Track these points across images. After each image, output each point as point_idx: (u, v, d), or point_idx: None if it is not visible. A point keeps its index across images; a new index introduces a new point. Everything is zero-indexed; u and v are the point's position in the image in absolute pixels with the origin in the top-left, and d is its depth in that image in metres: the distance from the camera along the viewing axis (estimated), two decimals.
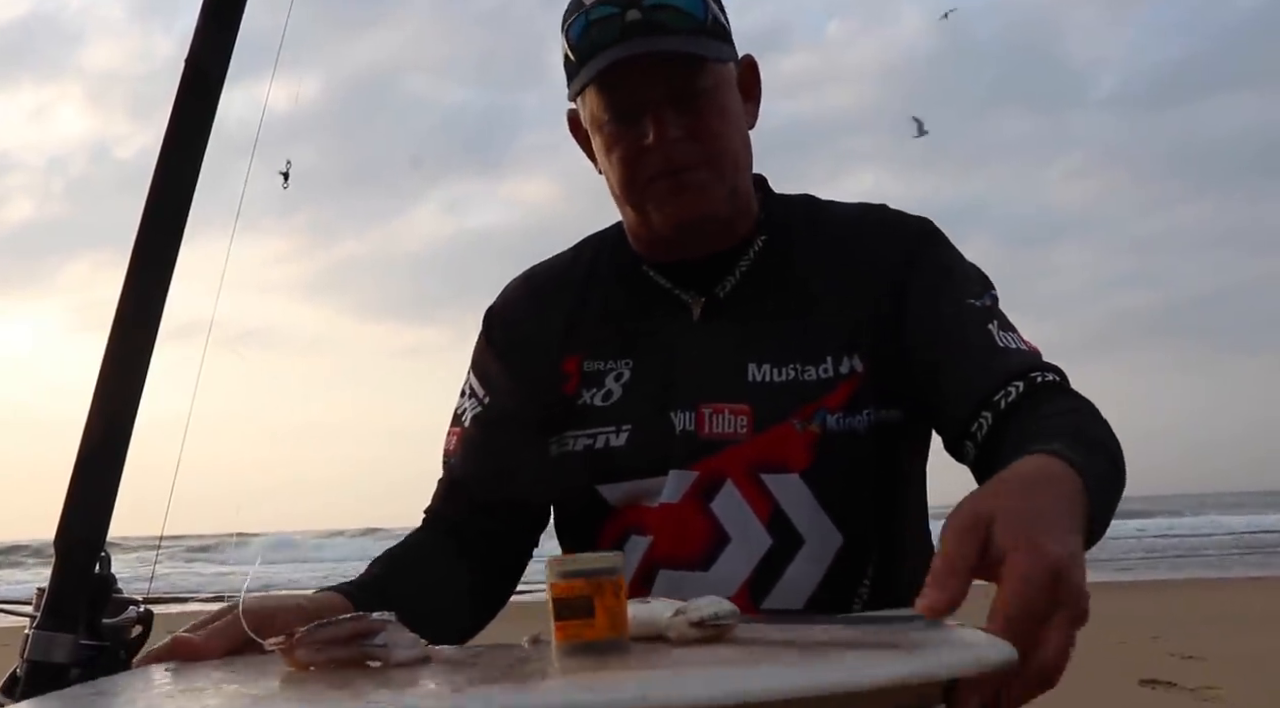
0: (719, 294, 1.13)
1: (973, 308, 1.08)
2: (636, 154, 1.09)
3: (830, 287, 1.12)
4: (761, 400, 1.08)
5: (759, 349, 1.10)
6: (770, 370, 1.08)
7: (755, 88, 1.16)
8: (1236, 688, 4.40)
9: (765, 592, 1.07)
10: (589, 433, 1.12)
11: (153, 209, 1.19)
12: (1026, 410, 0.98)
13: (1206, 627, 6.23)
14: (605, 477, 1.12)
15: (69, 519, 1.12)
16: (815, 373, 1.08)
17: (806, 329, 1.10)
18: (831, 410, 1.07)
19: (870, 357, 1.09)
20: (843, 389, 1.08)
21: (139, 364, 1.16)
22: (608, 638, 0.84)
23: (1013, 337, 1.06)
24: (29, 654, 1.08)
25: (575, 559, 0.87)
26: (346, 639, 0.88)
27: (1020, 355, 1.04)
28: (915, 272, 1.11)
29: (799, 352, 1.09)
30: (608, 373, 1.13)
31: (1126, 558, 14.05)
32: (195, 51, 1.21)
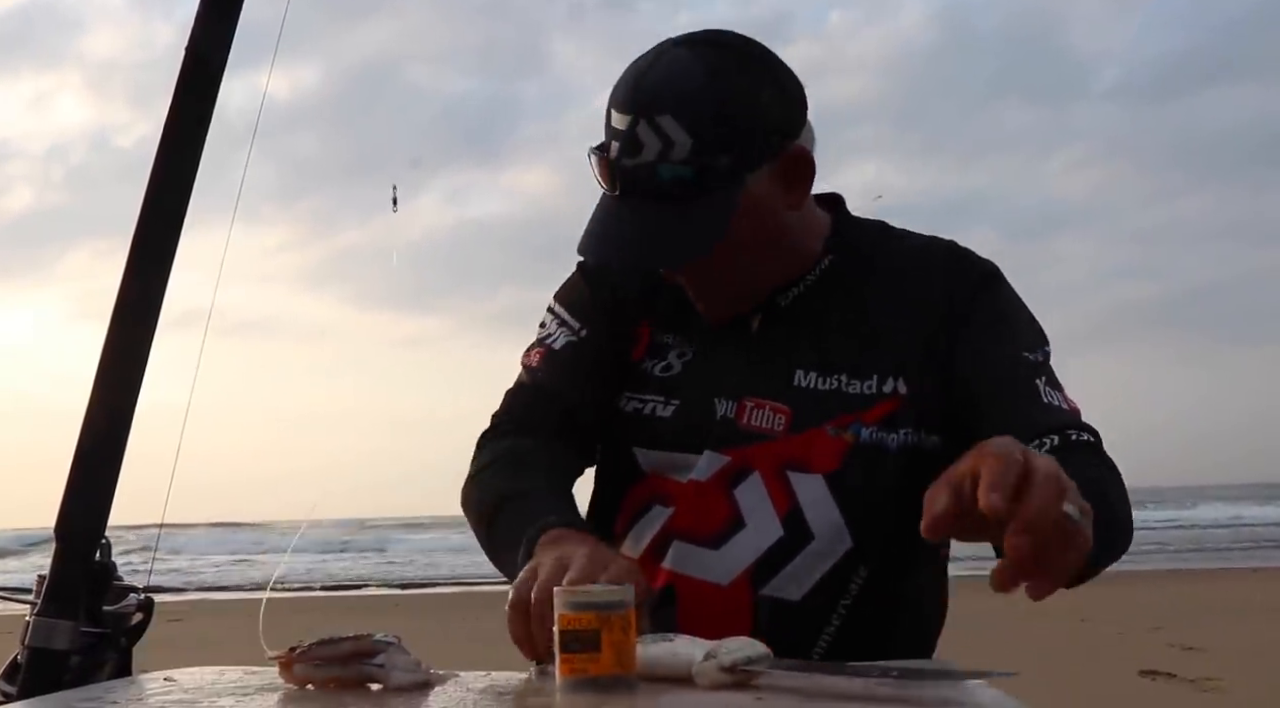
0: (780, 303, 1.16)
1: (1025, 360, 1.11)
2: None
3: (888, 310, 1.15)
4: (801, 404, 1.12)
5: (809, 358, 1.13)
6: (816, 378, 1.12)
7: (802, 175, 1.09)
8: (1237, 679, 4.40)
9: (765, 580, 1.10)
10: (641, 398, 1.16)
11: (153, 199, 1.19)
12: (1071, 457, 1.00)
13: (1207, 618, 6.24)
14: (644, 442, 1.15)
15: (70, 507, 1.12)
16: (860, 387, 1.12)
17: (858, 346, 1.14)
18: (866, 424, 1.10)
19: (915, 382, 1.12)
20: (882, 407, 1.11)
21: (139, 354, 1.16)
22: (613, 674, 0.84)
23: (1058, 395, 1.10)
24: (30, 641, 1.09)
25: (586, 591, 0.87)
26: (345, 658, 0.89)
27: (1061, 413, 1.08)
28: (975, 310, 1.14)
29: (847, 366, 1.12)
30: (672, 349, 1.17)
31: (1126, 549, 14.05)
32: (195, 40, 1.21)
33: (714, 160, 1.03)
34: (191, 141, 1.19)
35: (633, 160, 1.04)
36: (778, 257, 1.14)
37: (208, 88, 1.20)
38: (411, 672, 0.89)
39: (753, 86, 1.05)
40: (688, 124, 1.02)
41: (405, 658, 0.90)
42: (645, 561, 1.12)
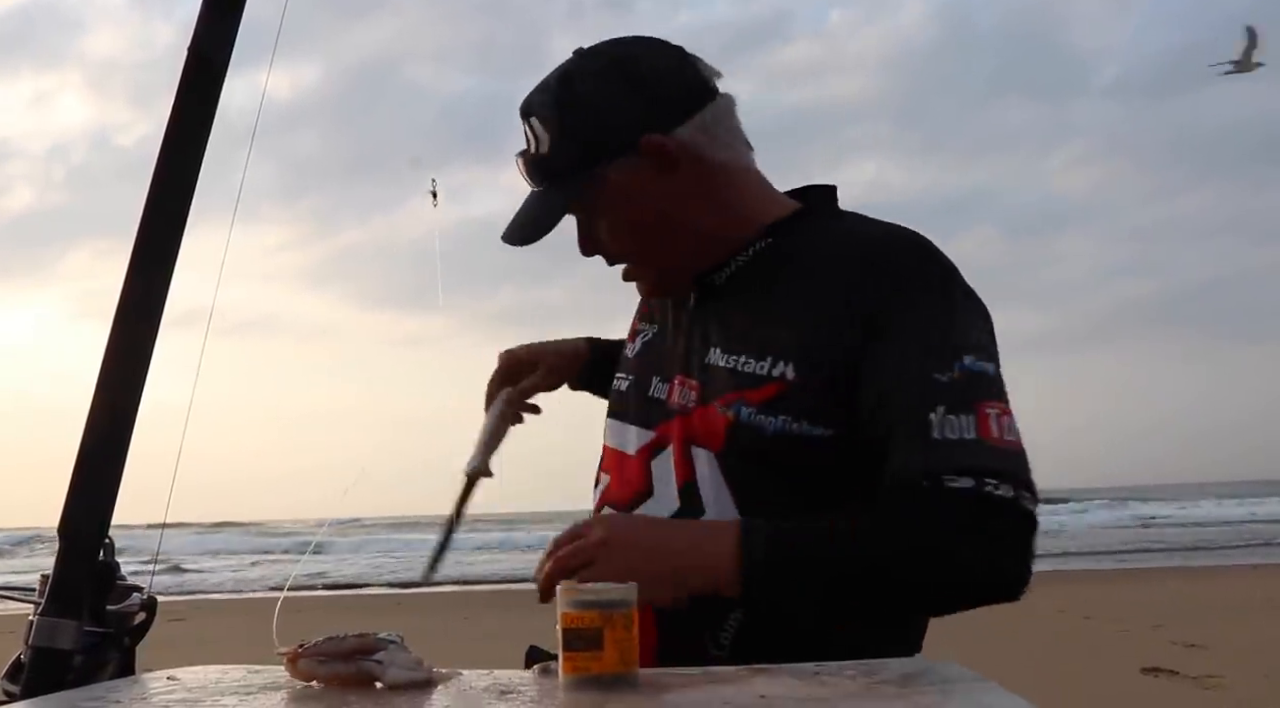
0: (713, 282, 1.22)
1: (928, 385, 1.06)
2: None
3: (799, 294, 1.15)
4: (708, 381, 1.17)
5: (721, 336, 1.18)
6: (722, 355, 1.17)
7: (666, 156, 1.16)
8: (1238, 676, 4.40)
9: None
10: (620, 375, 1.31)
11: (156, 198, 1.19)
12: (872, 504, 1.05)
13: (1208, 615, 6.24)
14: (611, 414, 1.29)
15: (73, 507, 1.12)
16: (754, 367, 1.14)
17: (763, 328, 1.15)
18: (749, 404, 1.12)
19: (804, 371, 1.10)
20: (767, 389, 1.12)
21: (142, 354, 1.16)
22: (616, 673, 0.84)
23: (961, 421, 1.04)
24: (33, 641, 1.09)
25: (588, 589, 0.87)
26: (348, 655, 0.89)
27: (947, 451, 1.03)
28: (893, 317, 1.10)
29: (750, 346, 1.15)
30: (640, 334, 1.31)
31: (1128, 547, 14.07)
32: (198, 39, 1.21)
33: (565, 151, 1.17)
34: (194, 141, 1.19)
35: (521, 156, 1.22)
36: (681, 237, 1.20)
37: (210, 87, 1.20)
38: (413, 670, 0.89)
39: (601, 88, 1.17)
40: (545, 122, 1.18)
41: (407, 656, 0.90)
42: None
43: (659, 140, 1.16)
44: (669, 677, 0.89)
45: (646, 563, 1.00)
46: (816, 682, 0.86)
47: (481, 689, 0.87)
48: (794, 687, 0.84)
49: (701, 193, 1.18)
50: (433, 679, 0.90)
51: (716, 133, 1.18)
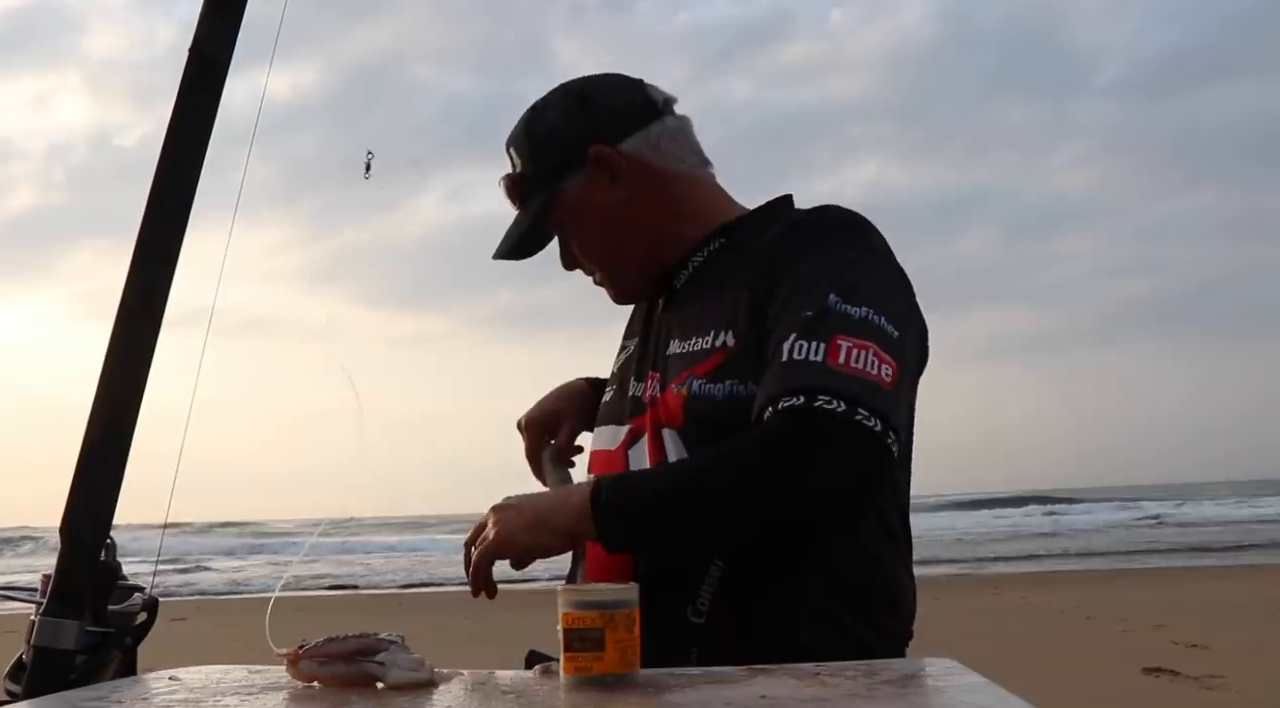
0: (675, 285, 1.31)
1: (795, 319, 1.10)
2: None
3: (743, 269, 1.22)
4: (666, 369, 1.25)
5: (676, 328, 1.27)
6: (676, 344, 1.25)
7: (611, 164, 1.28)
8: (1240, 677, 4.40)
9: None
10: (607, 392, 1.39)
11: (157, 198, 1.19)
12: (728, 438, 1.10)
13: (1210, 615, 6.23)
14: (598, 421, 1.37)
15: (75, 507, 1.12)
16: (701, 343, 1.21)
17: (710, 309, 1.22)
18: (698, 376, 1.18)
19: (742, 335, 1.17)
20: (712, 359, 1.18)
21: (144, 353, 1.16)
22: (617, 673, 0.84)
23: (810, 347, 1.07)
24: (35, 641, 1.09)
25: (590, 589, 0.87)
26: (349, 656, 0.89)
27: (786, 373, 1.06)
28: (789, 267, 1.17)
29: (698, 328, 1.22)
30: (625, 349, 1.40)
31: (1129, 547, 14.06)
32: (200, 39, 1.20)
33: (534, 173, 1.30)
34: (195, 141, 1.19)
35: (503, 181, 1.33)
36: (634, 245, 1.30)
37: (212, 87, 1.20)
38: (415, 670, 0.89)
39: (555, 114, 1.31)
40: (518, 150, 1.32)
41: (409, 657, 0.90)
42: None
43: (604, 151, 1.28)
44: (670, 677, 0.89)
45: (519, 518, 1.13)
46: (817, 682, 0.86)
47: (483, 690, 0.87)
48: (795, 687, 0.84)
49: (650, 199, 1.29)
50: (434, 680, 0.90)
51: (663, 146, 1.29)
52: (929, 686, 0.84)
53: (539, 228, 1.30)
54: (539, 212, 1.29)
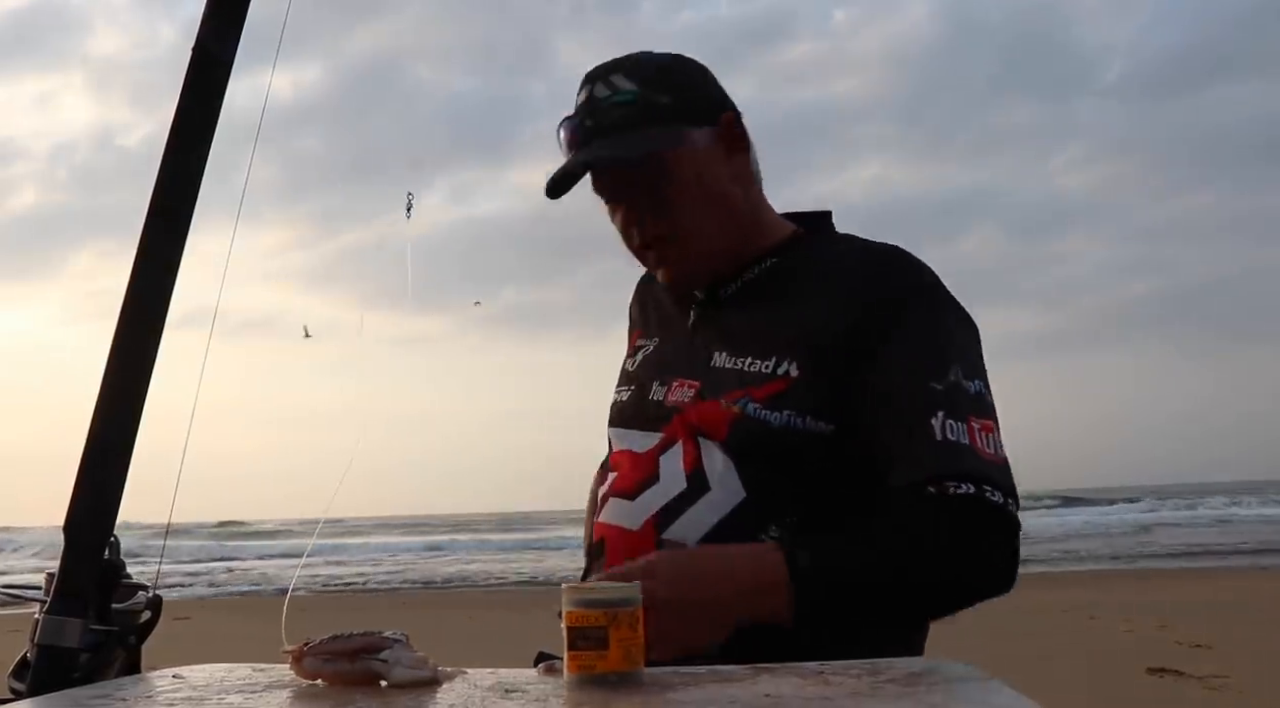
0: (720, 295, 1.30)
1: (929, 391, 1.14)
2: (621, 230, 1.30)
3: (806, 301, 1.22)
4: (710, 380, 1.24)
5: (724, 342, 1.25)
6: (726, 358, 1.24)
7: (737, 138, 1.27)
8: (1244, 677, 4.39)
9: (668, 524, 1.19)
10: (619, 389, 1.38)
11: (160, 199, 1.19)
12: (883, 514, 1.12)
13: (1214, 615, 6.22)
14: (613, 422, 1.36)
15: (78, 506, 1.13)
16: (759, 367, 1.20)
17: (769, 331, 1.22)
18: (755, 399, 1.18)
19: (808, 370, 1.17)
20: (772, 386, 1.18)
21: (147, 353, 1.16)
22: (621, 671, 0.84)
23: (960, 427, 1.12)
24: (39, 639, 1.09)
25: (593, 588, 0.87)
26: (352, 654, 0.89)
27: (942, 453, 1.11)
28: (895, 326, 1.17)
29: (755, 348, 1.22)
30: (642, 348, 1.38)
31: (1133, 547, 14.05)
32: (203, 39, 1.20)
33: (655, 99, 1.23)
34: (198, 140, 1.19)
35: (587, 110, 1.24)
36: (724, 223, 1.26)
37: (215, 86, 1.20)
38: (418, 669, 0.89)
39: (696, 68, 1.28)
40: (632, 75, 1.23)
41: (412, 655, 0.90)
42: (598, 520, 1.28)
43: (736, 121, 1.27)
44: (674, 676, 0.89)
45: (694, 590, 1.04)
46: (821, 681, 0.86)
47: (486, 688, 0.87)
48: (799, 686, 0.84)
49: (744, 188, 1.29)
50: (437, 678, 0.90)
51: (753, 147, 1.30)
52: (933, 685, 0.84)
53: (650, 152, 1.21)
54: (660, 139, 1.22)
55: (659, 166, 1.22)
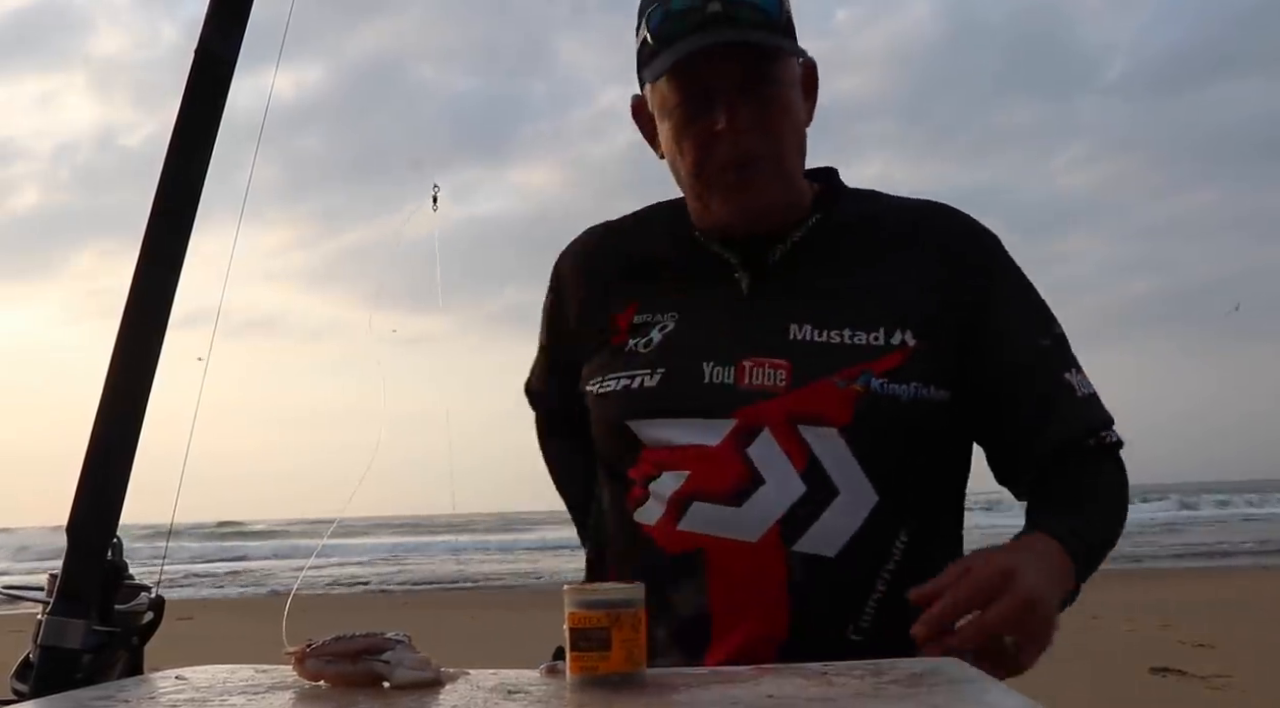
0: (768, 260, 1.19)
1: (1048, 348, 1.18)
2: (707, 141, 1.14)
3: (890, 265, 1.17)
4: (801, 357, 1.12)
5: (802, 312, 1.14)
6: (811, 331, 1.13)
7: (814, 88, 1.22)
8: (1247, 676, 4.39)
9: (797, 535, 1.09)
10: (627, 374, 1.19)
11: (163, 199, 1.19)
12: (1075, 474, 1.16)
13: (1217, 615, 6.22)
14: (636, 413, 1.17)
15: (81, 506, 1.12)
16: (865, 338, 1.12)
17: (858, 299, 1.15)
18: (876, 374, 1.11)
19: (924, 337, 1.13)
20: (891, 358, 1.12)
21: (150, 353, 1.16)
22: (623, 672, 0.84)
23: (1080, 378, 1.18)
24: (42, 640, 1.09)
25: (595, 589, 0.87)
26: (355, 655, 0.89)
27: (1089, 409, 1.17)
28: (994, 283, 1.19)
29: (848, 318, 1.13)
30: (654, 325, 1.20)
31: (1136, 546, 14.03)
32: (206, 39, 1.20)
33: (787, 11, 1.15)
34: (202, 140, 1.19)
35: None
36: (800, 165, 1.20)
37: (218, 86, 1.20)
38: (421, 670, 0.89)
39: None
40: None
41: (414, 656, 0.90)
42: (664, 527, 1.13)
43: (814, 64, 1.21)
44: (677, 677, 0.89)
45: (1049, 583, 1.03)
46: (824, 681, 0.86)
47: (489, 689, 0.87)
48: (802, 687, 0.84)
49: (803, 135, 1.20)
50: (440, 679, 0.90)
51: None
52: (936, 685, 0.84)
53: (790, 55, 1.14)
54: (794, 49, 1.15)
55: (777, 80, 1.13)
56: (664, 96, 1.15)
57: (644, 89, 1.21)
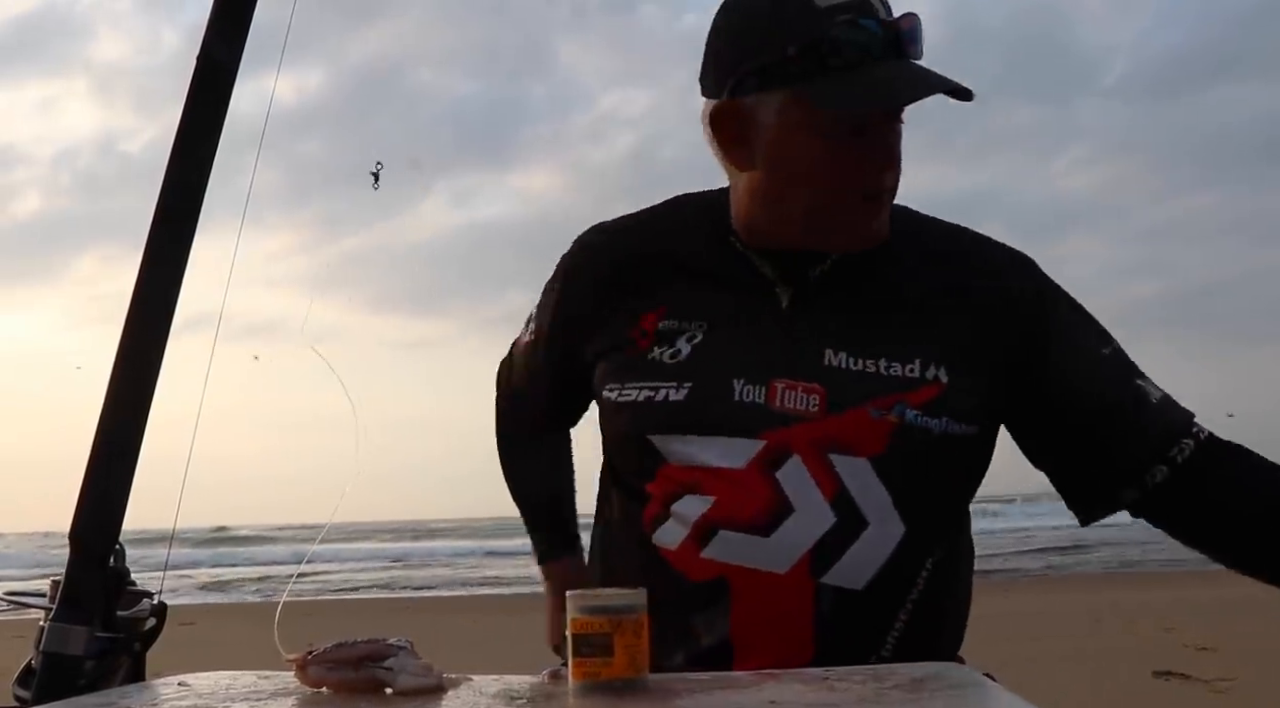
0: (809, 277, 1.15)
1: (1114, 361, 1.16)
2: (863, 167, 1.10)
3: (928, 295, 1.15)
4: (835, 384, 1.10)
5: (839, 337, 1.12)
6: (847, 358, 1.11)
7: None
8: (1250, 679, 4.37)
9: (826, 567, 1.07)
10: (650, 385, 1.13)
11: (166, 204, 1.19)
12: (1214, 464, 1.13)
13: (1220, 618, 6.20)
14: (659, 427, 1.13)
15: (84, 512, 1.13)
16: (901, 370, 1.11)
17: (896, 328, 1.13)
18: (911, 406, 1.09)
19: (959, 372, 1.12)
20: (925, 391, 1.10)
21: (153, 359, 1.17)
22: (626, 677, 0.84)
23: (1150, 383, 1.16)
24: (44, 646, 1.09)
25: (598, 594, 0.87)
26: (358, 661, 0.89)
27: (1174, 411, 1.15)
28: (1048, 316, 1.16)
29: (885, 347, 1.11)
30: (681, 334, 1.15)
31: (1137, 549, 14.01)
32: (208, 44, 1.21)
33: None
34: (204, 145, 1.20)
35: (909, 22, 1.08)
36: None
37: (221, 91, 1.20)
38: (423, 675, 0.89)
39: None
40: None
41: (417, 662, 0.90)
42: (686, 553, 1.10)
43: None
44: (679, 682, 0.89)
45: None
46: (825, 687, 0.85)
47: (491, 695, 0.87)
48: (803, 692, 0.84)
49: None
50: (442, 685, 0.90)
51: None
52: (937, 690, 0.84)
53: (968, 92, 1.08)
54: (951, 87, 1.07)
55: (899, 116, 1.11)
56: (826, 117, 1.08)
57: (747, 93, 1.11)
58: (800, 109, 1.09)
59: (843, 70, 1.06)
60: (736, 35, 1.13)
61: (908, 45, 1.07)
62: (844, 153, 1.09)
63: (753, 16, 1.11)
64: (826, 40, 1.06)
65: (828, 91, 1.06)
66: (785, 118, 1.10)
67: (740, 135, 1.13)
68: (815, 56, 1.06)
